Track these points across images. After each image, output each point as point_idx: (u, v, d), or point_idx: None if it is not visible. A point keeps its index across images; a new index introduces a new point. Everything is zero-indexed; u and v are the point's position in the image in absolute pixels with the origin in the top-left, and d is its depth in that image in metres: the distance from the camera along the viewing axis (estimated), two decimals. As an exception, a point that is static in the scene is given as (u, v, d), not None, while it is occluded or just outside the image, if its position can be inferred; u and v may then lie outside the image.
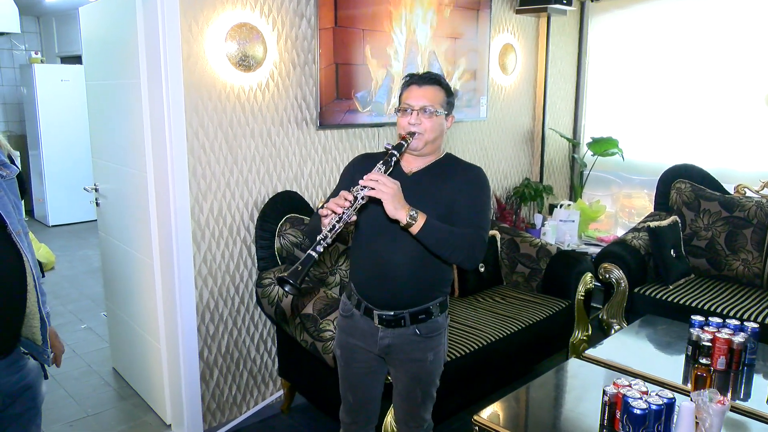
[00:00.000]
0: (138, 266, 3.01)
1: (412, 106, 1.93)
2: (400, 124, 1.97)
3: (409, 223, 1.79)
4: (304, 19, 3.02)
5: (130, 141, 2.79)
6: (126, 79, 2.73)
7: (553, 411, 2.29)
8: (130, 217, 2.97)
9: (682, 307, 3.36)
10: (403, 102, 1.97)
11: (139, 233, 2.91)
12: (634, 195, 4.70)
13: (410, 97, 1.95)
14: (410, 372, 2.03)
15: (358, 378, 2.11)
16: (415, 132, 1.92)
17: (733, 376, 2.44)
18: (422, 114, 1.92)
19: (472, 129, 4.09)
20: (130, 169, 2.85)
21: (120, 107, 2.86)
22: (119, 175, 3.00)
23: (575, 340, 3.44)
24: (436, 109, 1.94)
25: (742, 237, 3.68)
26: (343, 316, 2.11)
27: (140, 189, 2.81)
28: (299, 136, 3.10)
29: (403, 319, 1.97)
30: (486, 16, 3.94)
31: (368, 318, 2.01)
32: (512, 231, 3.77)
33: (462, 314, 3.18)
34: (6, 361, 1.58)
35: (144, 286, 2.97)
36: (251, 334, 3.08)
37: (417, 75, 2.00)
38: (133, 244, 3.01)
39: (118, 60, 2.79)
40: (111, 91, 2.90)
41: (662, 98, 4.43)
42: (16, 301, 1.58)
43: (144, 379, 3.18)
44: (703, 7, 4.20)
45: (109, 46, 2.84)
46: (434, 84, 1.97)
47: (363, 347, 2.05)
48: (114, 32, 2.78)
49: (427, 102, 1.93)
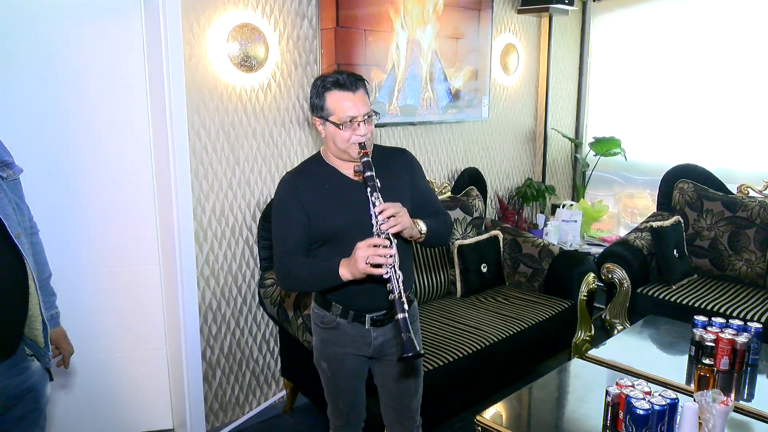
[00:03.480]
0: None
1: (357, 117, 1.80)
2: (345, 138, 1.82)
3: (422, 233, 1.84)
4: (305, 19, 3.02)
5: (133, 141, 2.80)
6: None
7: (556, 411, 2.29)
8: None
9: (685, 308, 3.36)
10: (340, 113, 1.80)
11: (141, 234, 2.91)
12: (637, 195, 4.69)
13: (347, 106, 1.80)
14: (402, 363, 2.02)
15: (348, 384, 2.08)
16: (364, 142, 1.82)
17: (736, 376, 2.43)
18: (368, 121, 1.83)
19: (474, 129, 4.08)
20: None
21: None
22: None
23: (578, 340, 3.43)
24: (374, 111, 1.86)
25: (745, 237, 3.67)
26: (324, 329, 2.02)
27: (142, 190, 2.81)
28: (301, 137, 3.10)
29: (386, 319, 1.98)
30: (488, 16, 3.93)
31: (358, 323, 1.97)
32: (514, 231, 3.77)
33: (464, 314, 3.18)
34: (8, 363, 1.58)
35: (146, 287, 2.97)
36: (254, 334, 3.08)
37: (341, 77, 1.81)
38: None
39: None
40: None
41: (665, 98, 4.42)
42: (18, 303, 1.58)
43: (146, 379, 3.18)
44: (706, 6, 4.19)
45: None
46: (362, 84, 1.85)
47: (352, 353, 2.01)
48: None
49: (367, 107, 1.83)
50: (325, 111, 1.83)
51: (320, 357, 2.08)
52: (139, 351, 2.86)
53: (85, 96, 2.55)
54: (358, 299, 1.95)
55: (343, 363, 2.03)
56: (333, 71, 1.87)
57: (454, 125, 3.93)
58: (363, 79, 1.86)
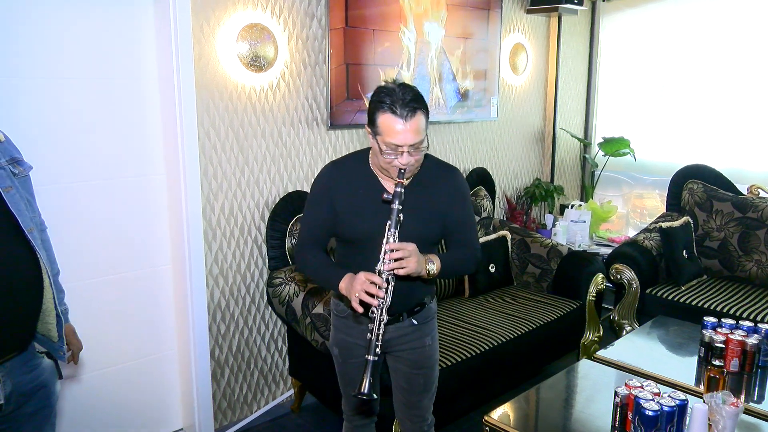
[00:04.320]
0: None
1: (401, 147, 1.74)
2: (388, 161, 1.78)
3: (429, 275, 1.83)
4: (314, 19, 3.03)
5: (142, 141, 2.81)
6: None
7: (564, 412, 2.28)
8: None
9: (694, 309, 3.34)
10: (386, 139, 1.75)
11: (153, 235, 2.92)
12: (646, 195, 4.67)
13: (395, 136, 1.73)
14: (411, 359, 2.05)
15: (357, 372, 2.08)
16: (405, 169, 1.78)
17: (746, 378, 2.42)
18: (413, 151, 1.77)
19: (483, 129, 4.08)
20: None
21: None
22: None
23: (586, 341, 3.42)
24: (423, 140, 1.78)
25: (755, 238, 3.64)
26: (338, 317, 2.08)
27: (154, 190, 2.82)
28: (310, 136, 3.11)
29: (401, 316, 1.99)
30: (497, 16, 3.93)
31: (366, 318, 1.97)
32: (523, 231, 3.76)
33: (472, 315, 3.17)
34: (21, 358, 1.60)
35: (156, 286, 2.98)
36: (262, 333, 3.09)
37: (396, 101, 1.73)
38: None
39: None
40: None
41: (674, 98, 4.40)
42: (31, 298, 1.59)
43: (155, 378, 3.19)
44: (715, 6, 4.16)
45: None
46: (419, 111, 1.76)
47: (361, 344, 2.03)
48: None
49: (416, 138, 1.75)
50: (375, 127, 1.79)
51: (333, 342, 2.13)
52: (151, 352, 2.88)
53: (96, 96, 2.56)
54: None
55: (352, 351, 2.06)
56: (396, 86, 1.76)
57: (463, 125, 3.92)
58: (421, 107, 1.76)
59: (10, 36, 2.31)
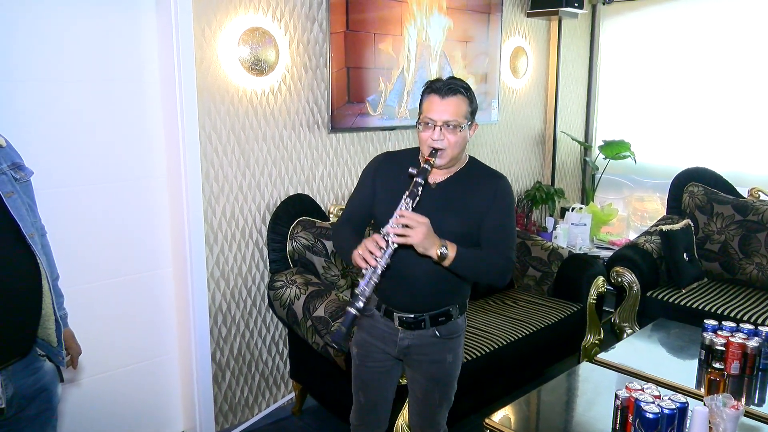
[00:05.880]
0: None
1: (435, 121, 1.80)
2: (422, 139, 1.84)
3: (440, 258, 1.77)
4: (315, 23, 3.04)
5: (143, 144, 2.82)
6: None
7: (565, 415, 2.28)
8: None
9: (695, 311, 3.34)
10: (424, 114, 1.83)
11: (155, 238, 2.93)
12: (647, 198, 4.67)
13: (432, 109, 1.81)
14: (429, 373, 2.03)
15: (372, 376, 2.10)
16: (439, 148, 1.81)
17: (747, 380, 2.42)
18: (446, 129, 1.79)
19: (483, 132, 4.08)
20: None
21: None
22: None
23: (587, 343, 3.42)
24: (459, 123, 1.80)
25: (756, 241, 3.65)
26: (364, 315, 2.04)
27: (156, 193, 2.83)
28: (311, 140, 3.12)
29: (423, 322, 1.97)
30: (497, 20, 3.94)
31: (389, 320, 2.00)
32: (523, 234, 3.76)
33: (473, 317, 3.17)
34: (22, 362, 1.60)
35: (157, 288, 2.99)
36: (263, 336, 3.09)
37: (439, 82, 1.83)
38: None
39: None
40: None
41: (675, 101, 4.41)
42: (32, 303, 1.59)
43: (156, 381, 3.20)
44: (715, 9, 4.17)
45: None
46: (457, 94, 1.81)
47: (381, 347, 2.05)
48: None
49: (450, 116, 1.79)
50: (420, 110, 1.88)
51: (354, 342, 2.12)
52: (152, 354, 2.88)
53: (97, 99, 2.57)
54: (391, 296, 1.98)
55: (371, 353, 2.06)
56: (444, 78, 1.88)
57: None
58: (460, 88, 1.82)
59: (10, 38, 2.32)
